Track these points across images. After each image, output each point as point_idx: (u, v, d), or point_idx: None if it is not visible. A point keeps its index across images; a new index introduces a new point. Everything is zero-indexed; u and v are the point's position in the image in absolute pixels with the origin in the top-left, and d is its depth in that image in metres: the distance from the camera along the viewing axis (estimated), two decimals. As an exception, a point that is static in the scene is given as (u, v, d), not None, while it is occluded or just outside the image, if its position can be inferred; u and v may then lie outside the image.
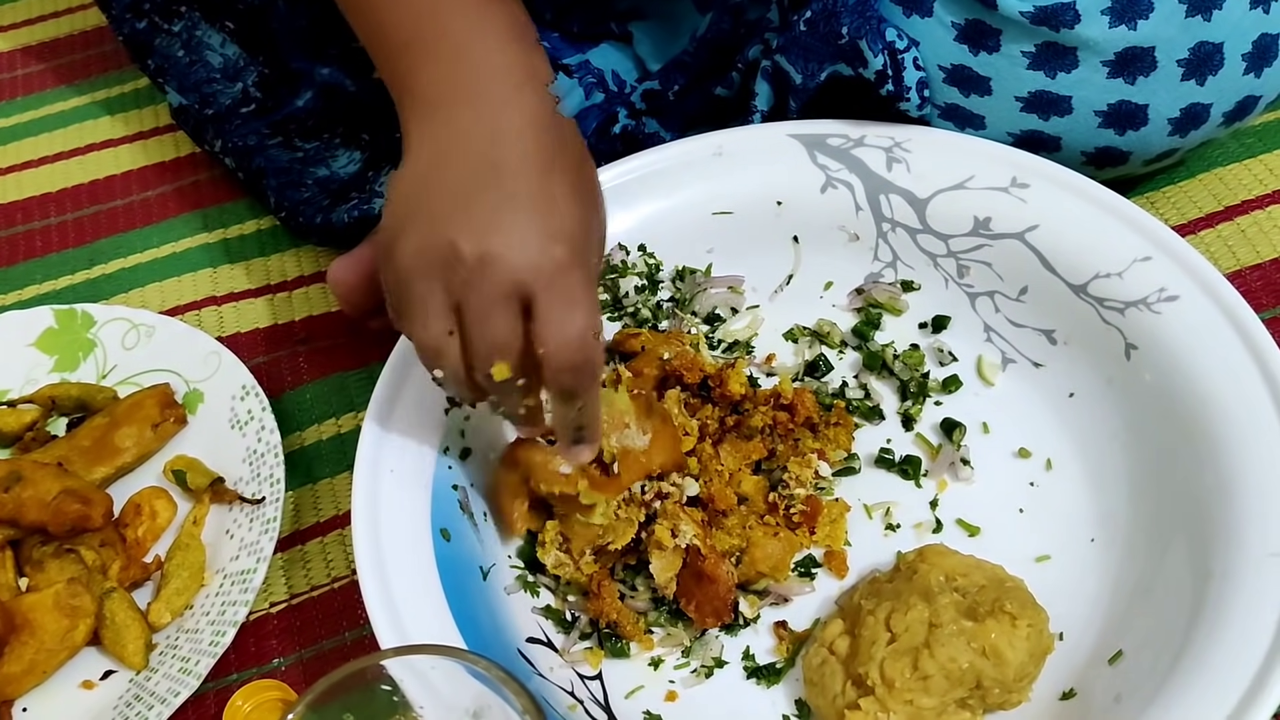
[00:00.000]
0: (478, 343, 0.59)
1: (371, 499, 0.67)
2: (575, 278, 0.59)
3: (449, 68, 0.62)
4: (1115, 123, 0.76)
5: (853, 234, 0.79)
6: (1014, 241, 0.75)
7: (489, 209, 0.58)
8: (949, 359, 0.78)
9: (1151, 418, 0.69)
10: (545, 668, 0.67)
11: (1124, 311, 0.71)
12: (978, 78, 0.76)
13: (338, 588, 0.75)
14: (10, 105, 1.12)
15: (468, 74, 0.62)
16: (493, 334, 0.59)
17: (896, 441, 0.75)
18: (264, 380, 0.82)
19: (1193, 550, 0.63)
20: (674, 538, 0.67)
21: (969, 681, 0.62)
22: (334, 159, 0.92)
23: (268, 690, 0.69)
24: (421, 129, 0.62)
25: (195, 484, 0.77)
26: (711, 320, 0.81)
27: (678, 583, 0.68)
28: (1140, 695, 0.60)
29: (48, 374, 0.86)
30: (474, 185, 0.59)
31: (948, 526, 0.72)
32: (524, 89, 0.62)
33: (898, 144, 0.78)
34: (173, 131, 1.05)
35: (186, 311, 0.91)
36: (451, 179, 0.60)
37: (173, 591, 0.73)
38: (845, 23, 0.75)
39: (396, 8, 0.64)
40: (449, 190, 0.60)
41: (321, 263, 0.92)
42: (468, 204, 0.59)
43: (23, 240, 0.99)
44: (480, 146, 0.60)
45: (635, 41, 0.92)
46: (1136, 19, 0.72)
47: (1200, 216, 0.85)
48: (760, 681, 0.67)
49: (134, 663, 0.71)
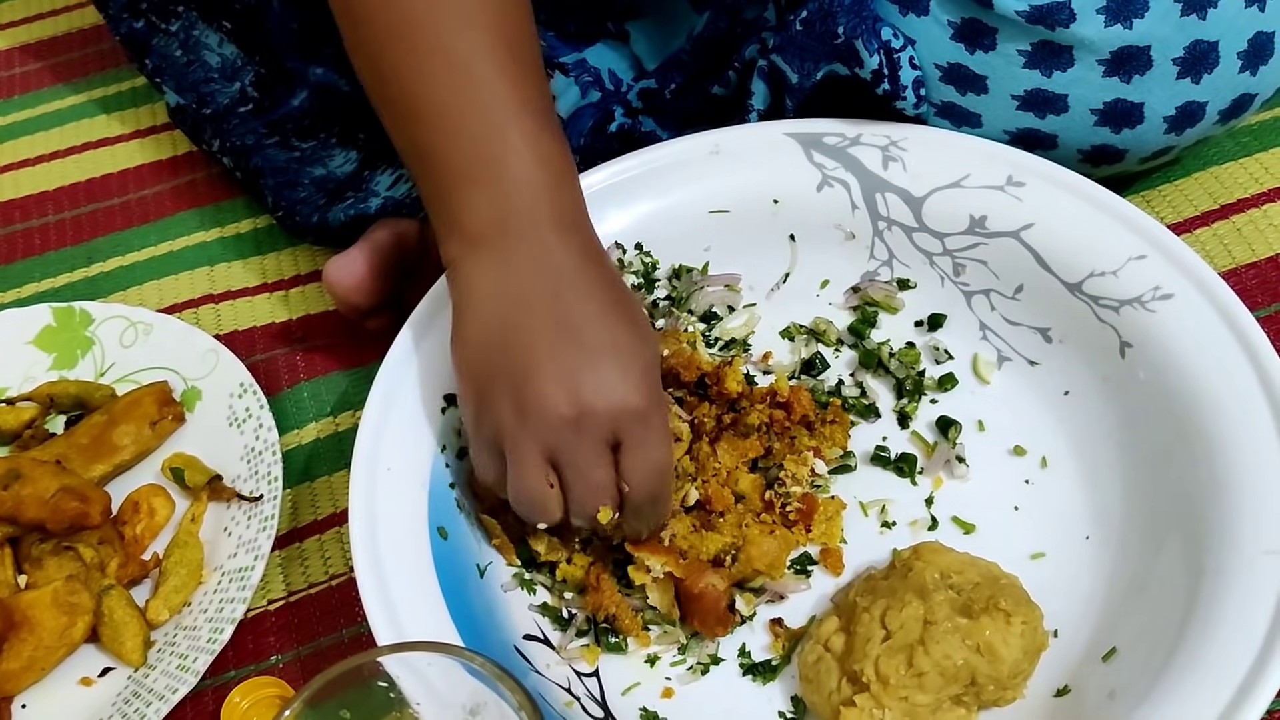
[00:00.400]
0: (580, 491, 0.62)
1: (369, 497, 0.67)
2: (652, 413, 0.62)
3: (499, 206, 0.63)
4: (1111, 121, 0.76)
5: (849, 232, 0.79)
6: (1010, 240, 0.75)
7: (573, 367, 0.61)
8: (945, 357, 0.78)
9: (1146, 416, 0.69)
10: (542, 664, 0.67)
11: (1119, 310, 0.71)
12: (974, 76, 0.76)
13: (335, 585, 0.75)
14: (8, 104, 1.12)
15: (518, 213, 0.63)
16: (595, 482, 0.62)
17: (892, 439, 0.76)
18: (261, 378, 0.83)
19: (1187, 547, 0.64)
20: (648, 573, 0.67)
21: (964, 678, 0.62)
22: (330, 158, 0.92)
23: (266, 687, 0.70)
24: (474, 268, 0.64)
25: (193, 481, 0.78)
26: (708, 318, 0.81)
27: (678, 603, 0.69)
28: (1134, 692, 0.60)
29: (46, 371, 0.86)
30: (553, 341, 0.61)
31: (943, 524, 0.72)
32: (577, 225, 0.65)
33: (894, 142, 0.78)
34: (170, 130, 1.06)
35: (184, 309, 0.91)
36: (526, 337, 0.62)
37: (171, 589, 0.73)
38: (841, 22, 0.76)
39: (452, 138, 0.64)
40: (528, 349, 0.61)
41: (319, 261, 0.92)
42: (551, 361, 0.61)
43: (21, 238, 1.00)
44: (545, 299, 0.62)
45: (632, 40, 0.92)
46: (1132, 18, 0.72)
47: (1196, 215, 0.85)
48: (756, 678, 0.68)
49: (132, 660, 0.71)
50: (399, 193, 0.83)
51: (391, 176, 0.84)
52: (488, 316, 0.63)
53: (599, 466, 0.62)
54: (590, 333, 0.62)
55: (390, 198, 0.83)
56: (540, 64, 0.67)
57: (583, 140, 0.87)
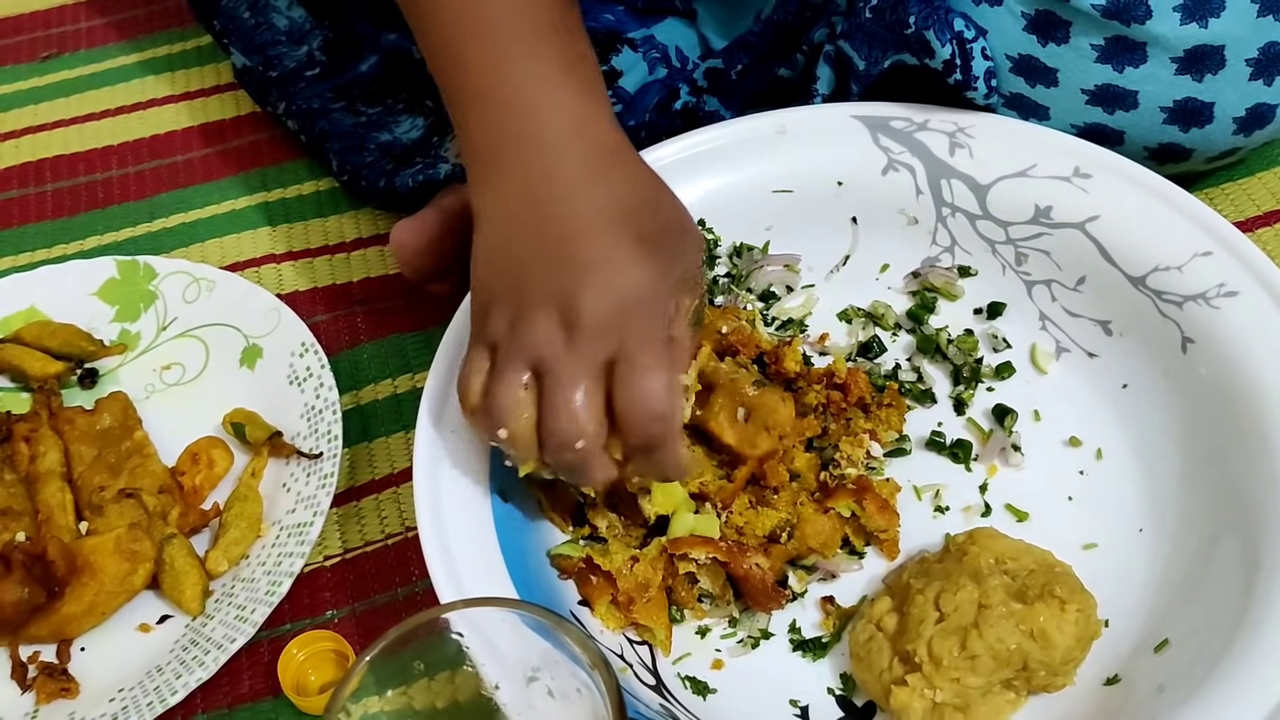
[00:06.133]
0: (555, 410, 0.59)
1: (433, 458, 0.68)
2: (652, 341, 0.60)
3: (499, 122, 0.62)
4: (1180, 119, 0.76)
5: (912, 217, 0.80)
6: (1074, 231, 0.75)
7: (577, 281, 0.59)
8: (1003, 345, 0.78)
9: (1205, 412, 0.69)
10: (596, 630, 0.68)
11: (1182, 305, 0.71)
12: (1045, 69, 0.76)
13: (391, 544, 0.76)
14: (73, 58, 1.13)
15: (517, 127, 0.62)
16: (572, 403, 0.59)
17: (948, 425, 0.76)
18: (321, 339, 0.83)
19: (1243, 544, 0.64)
20: (694, 563, 0.68)
21: (1016, 663, 0.62)
22: (397, 124, 0.93)
23: (321, 641, 0.70)
24: (483, 187, 0.63)
25: (254, 437, 0.79)
26: (766, 298, 0.81)
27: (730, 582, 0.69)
28: (1184, 686, 0.60)
29: (108, 323, 0.87)
30: (558, 258, 0.60)
31: (996, 511, 0.72)
32: (576, 135, 0.62)
33: (961, 129, 0.79)
34: (233, 90, 1.06)
35: (246, 268, 0.92)
36: (517, 256, 0.61)
37: (230, 541, 0.74)
38: (913, 12, 0.76)
39: (469, 54, 0.63)
40: (525, 261, 0.60)
41: (380, 225, 0.93)
42: (554, 275, 0.59)
43: (85, 191, 1.01)
44: (543, 211, 0.60)
45: (699, 19, 0.92)
46: (1208, 17, 0.72)
47: (1259, 215, 0.85)
48: (806, 654, 0.68)
49: (191, 608, 0.72)
50: (468, 160, 0.83)
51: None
52: (500, 228, 0.62)
53: (580, 390, 0.59)
54: (602, 249, 0.59)
55: (460, 165, 0.83)
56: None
57: (647, 116, 0.87)
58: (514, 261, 0.61)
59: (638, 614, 0.67)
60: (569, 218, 0.60)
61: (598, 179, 0.61)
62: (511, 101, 0.62)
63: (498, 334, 0.61)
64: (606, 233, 0.60)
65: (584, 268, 0.59)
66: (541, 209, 0.60)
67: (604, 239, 0.60)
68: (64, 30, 1.16)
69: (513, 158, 0.61)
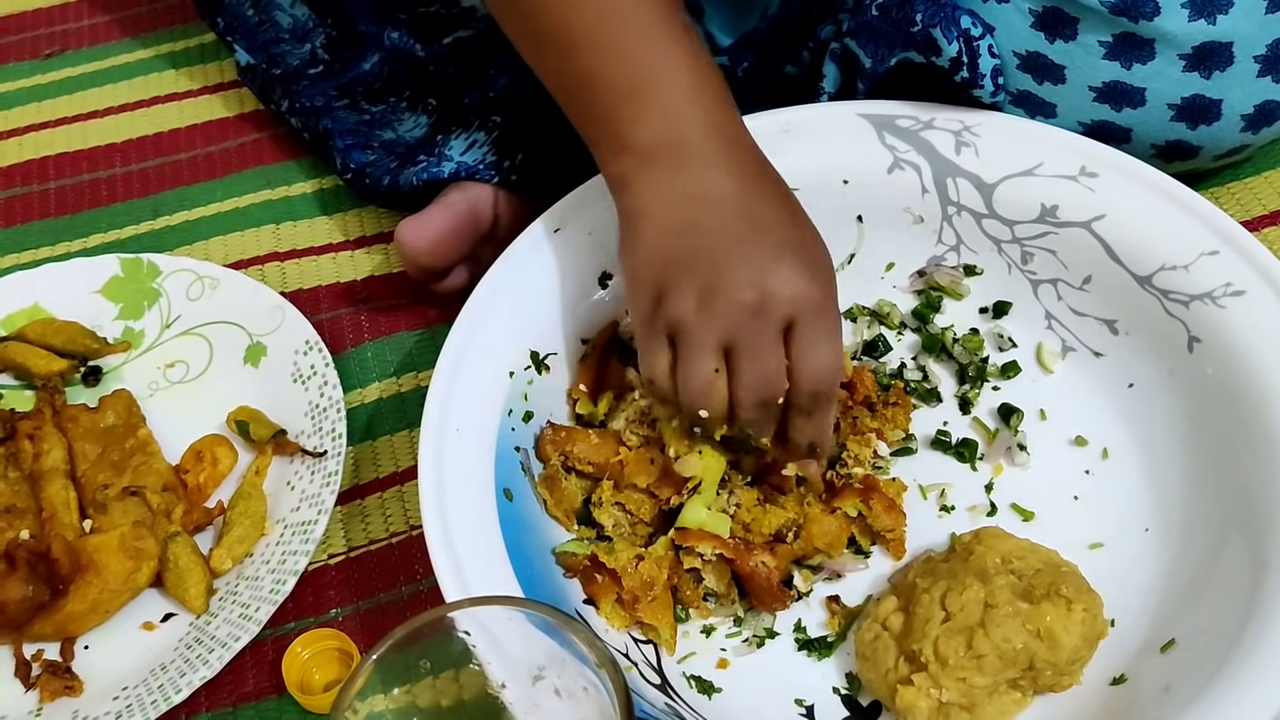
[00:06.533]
0: (750, 378, 0.63)
1: (438, 456, 0.67)
2: (831, 310, 0.64)
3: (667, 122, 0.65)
4: (1188, 117, 0.76)
5: (917, 216, 0.79)
6: (1080, 230, 0.75)
7: (760, 257, 0.63)
8: (1008, 344, 0.78)
9: (1212, 411, 0.69)
10: (601, 629, 0.68)
11: (1189, 304, 0.71)
12: (1052, 65, 0.76)
13: (395, 543, 0.76)
14: (77, 55, 1.13)
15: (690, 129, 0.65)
16: (766, 369, 0.63)
17: (953, 424, 0.76)
18: (325, 337, 0.83)
19: (1250, 542, 0.64)
20: (700, 557, 0.68)
21: (1022, 662, 0.62)
22: (400, 122, 0.93)
23: (326, 639, 0.70)
24: (644, 185, 0.66)
25: (258, 435, 0.78)
26: (772, 296, 0.81)
27: (735, 581, 0.69)
28: (1191, 686, 0.60)
29: (112, 321, 0.87)
30: (740, 238, 0.64)
31: (1002, 510, 0.72)
32: (737, 137, 0.67)
33: (967, 128, 0.78)
34: (236, 88, 1.06)
35: (249, 266, 0.92)
36: (714, 231, 0.64)
37: (234, 539, 0.74)
38: (920, 9, 0.76)
39: (612, 58, 0.66)
40: (716, 242, 0.64)
41: (384, 223, 0.93)
42: (739, 254, 0.63)
43: (88, 189, 1.00)
44: (731, 198, 0.65)
45: (706, 17, 0.92)
46: (1216, 13, 0.72)
47: (1265, 214, 0.85)
48: (811, 654, 0.68)
49: (195, 606, 0.72)
50: (472, 158, 0.83)
51: (465, 141, 0.85)
52: (667, 219, 0.65)
53: (773, 355, 0.63)
54: (776, 231, 0.64)
55: (464, 163, 0.83)
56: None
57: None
58: (694, 250, 0.64)
59: (643, 613, 0.67)
60: (763, 211, 0.65)
61: (770, 173, 0.67)
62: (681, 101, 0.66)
63: (680, 316, 0.64)
64: (795, 223, 0.66)
65: (777, 246, 0.64)
66: (734, 193, 0.65)
67: (795, 228, 0.65)
68: (67, 28, 1.16)
69: (690, 152, 0.65)
